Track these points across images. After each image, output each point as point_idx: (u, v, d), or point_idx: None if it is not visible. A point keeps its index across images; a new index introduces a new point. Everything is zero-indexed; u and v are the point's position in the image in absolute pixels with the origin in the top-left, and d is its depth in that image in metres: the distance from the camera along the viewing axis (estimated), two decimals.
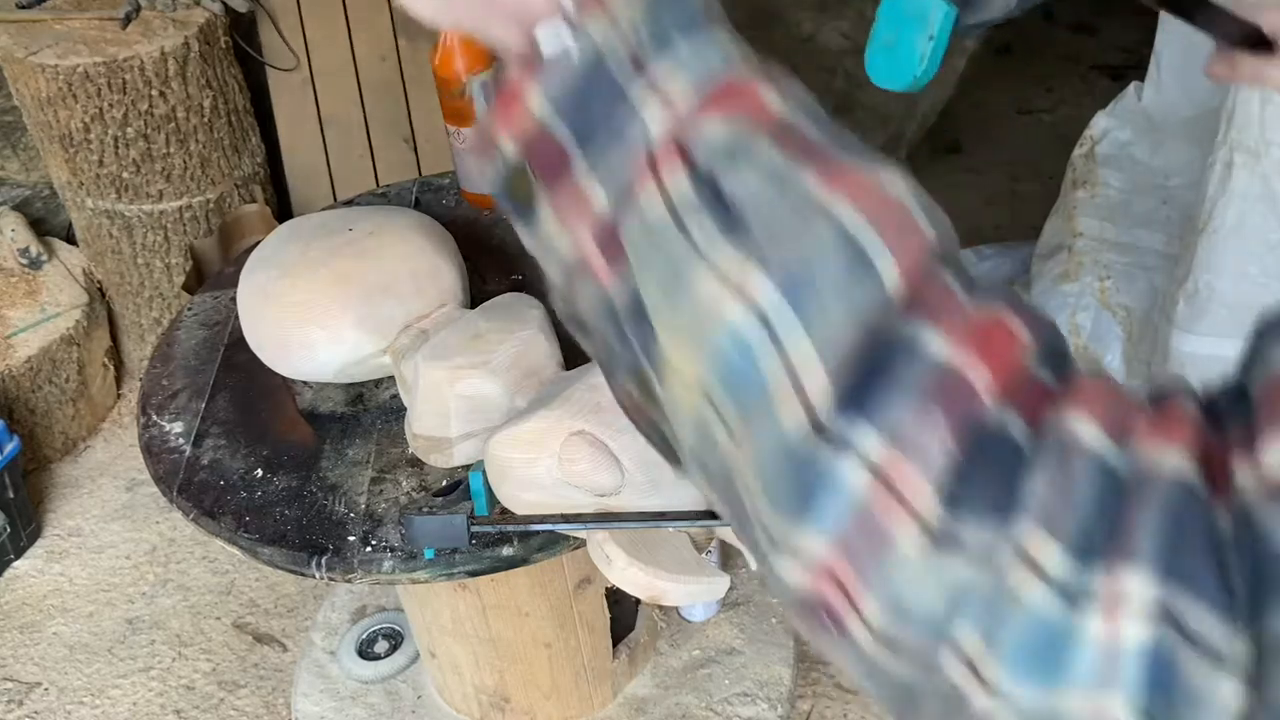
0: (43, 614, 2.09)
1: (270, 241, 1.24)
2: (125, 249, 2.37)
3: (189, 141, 2.28)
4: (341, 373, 1.18)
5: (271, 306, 1.17)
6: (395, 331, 1.16)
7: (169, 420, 1.23)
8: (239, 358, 1.27)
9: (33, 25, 2.24)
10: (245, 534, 1.07)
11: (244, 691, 1.90)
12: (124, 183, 2.27)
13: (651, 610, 1.64)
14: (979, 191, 3.04)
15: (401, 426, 1.17)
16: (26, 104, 2.25)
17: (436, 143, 2.70)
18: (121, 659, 1.98)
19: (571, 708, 1.56)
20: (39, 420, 2.34)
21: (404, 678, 1.68)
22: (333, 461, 1.15)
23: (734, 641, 1.71)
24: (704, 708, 1.62)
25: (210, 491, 1.12)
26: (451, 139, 1.48)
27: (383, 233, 1.20)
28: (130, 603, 2.09)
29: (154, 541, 2.21)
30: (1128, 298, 2.19)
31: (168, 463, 1.17)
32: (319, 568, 1.04)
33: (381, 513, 1.08)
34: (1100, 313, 2.20)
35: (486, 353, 1.06)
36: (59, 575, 2.16)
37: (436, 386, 1.06)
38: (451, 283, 1.21)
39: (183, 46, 2.20)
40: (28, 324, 2.36)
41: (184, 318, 1.41)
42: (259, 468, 1.15)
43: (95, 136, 2.20)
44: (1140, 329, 2.19)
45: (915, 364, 0.36)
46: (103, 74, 2.13)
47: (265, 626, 2.02)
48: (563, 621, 1.43)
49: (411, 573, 1.03)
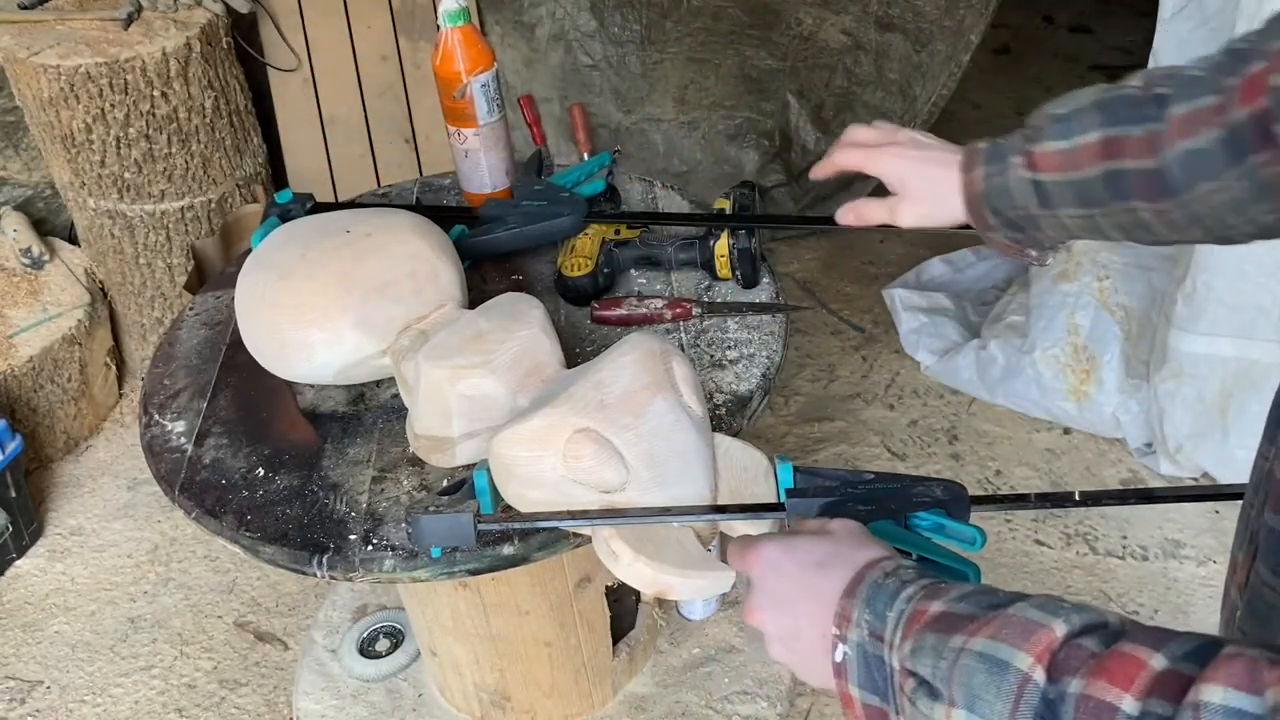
0: (45, 613, 2.09)
1: (268, 243, 1.24)
2: (127, 249, 2.38)
3: (190, 142, 2.29)
4: (341, 374, 1.18)
5: (270, 309, 1.17)
6: (395, 332, 1.16)
7: (171, 419, 1.24)
8: (240, 357, 1.28)
9: (35, 26, 2.25)
10: (247, 533, 1.08)
11: (245, 690, 1.91)
12: (126, 183, 2.28)
13: (651, 609, 1.65)
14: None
15: (402, 426, 1.17)
16: (28, 104, 2.25)
17: (436, 143, 2.71)
18: (123, 657, 1.99)
19: (572, 706, 1.56)
20: (41, 419, 2.35)
21: (405, 676, 1.69)
22: (334, 461, 1.15)
23: (734, 640, 1.71)
24: (704, 706, 1.62)
25: (212, 490, 1.13)
26: (451, 139, 1.48)
27: (380, 234, 1.20)
28: (132, 601, 2.09)
29: (155, 540, 2.22)
30: (1126, 297, 2.20)
31: (169, 462, 1.18)
32: (320, 566, 1.05)
33: (383, 512, 1.08)
34: (1099, 312, 2.20)
35: (488, 352, 1.07)
36: (61, 574, 2.17)
37: (438, 386, 1.07)
38: (450, 283, 1.21)
39: (184, 47, 2.20)
40: (30, 324, 2.37)
41: (186, 317, 1.42)
42: (260, 467, 1.15)
43: (97, 137, 2.20)
44: (1139, 328, 2.19)
45: (1066, 704, 0.52)
46: (104, 74, 2.13)
47: (267, 625, 2.02)
48: (563, 620, 1.44)
49: (412, 571, 1.04)
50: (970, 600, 0.60)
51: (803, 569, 0.70)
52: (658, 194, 1.56)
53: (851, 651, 0.64)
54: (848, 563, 0.68)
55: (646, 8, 2.74)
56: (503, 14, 2.75)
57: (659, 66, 2.77)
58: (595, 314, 1.30)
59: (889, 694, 0.62)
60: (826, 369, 2.53)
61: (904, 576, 0.65)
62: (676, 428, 0.94)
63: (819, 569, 0.69)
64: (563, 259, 1.36)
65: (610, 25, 2.75)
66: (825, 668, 0.66)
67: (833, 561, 0.69)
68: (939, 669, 0.58)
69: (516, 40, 2.77)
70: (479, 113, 1.44)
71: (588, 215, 1.39)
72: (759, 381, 1.20)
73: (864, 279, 2.77)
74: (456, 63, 1.41)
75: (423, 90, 2.68)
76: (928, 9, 2.68)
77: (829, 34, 2.75)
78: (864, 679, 0.64)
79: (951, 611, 0.60)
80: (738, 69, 2.76)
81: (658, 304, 1.29)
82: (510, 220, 1.40)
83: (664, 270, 1.38)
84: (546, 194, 1.43)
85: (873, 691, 0.63)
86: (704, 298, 1.33)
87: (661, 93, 2.77)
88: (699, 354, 1.24)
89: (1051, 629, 0.55)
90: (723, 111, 2.76)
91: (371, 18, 2.66)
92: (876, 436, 2.34)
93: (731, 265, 1.33)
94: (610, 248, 1.37)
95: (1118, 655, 0.52)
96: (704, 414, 1.01)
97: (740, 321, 1.29)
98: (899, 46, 2.72)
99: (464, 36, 1.41)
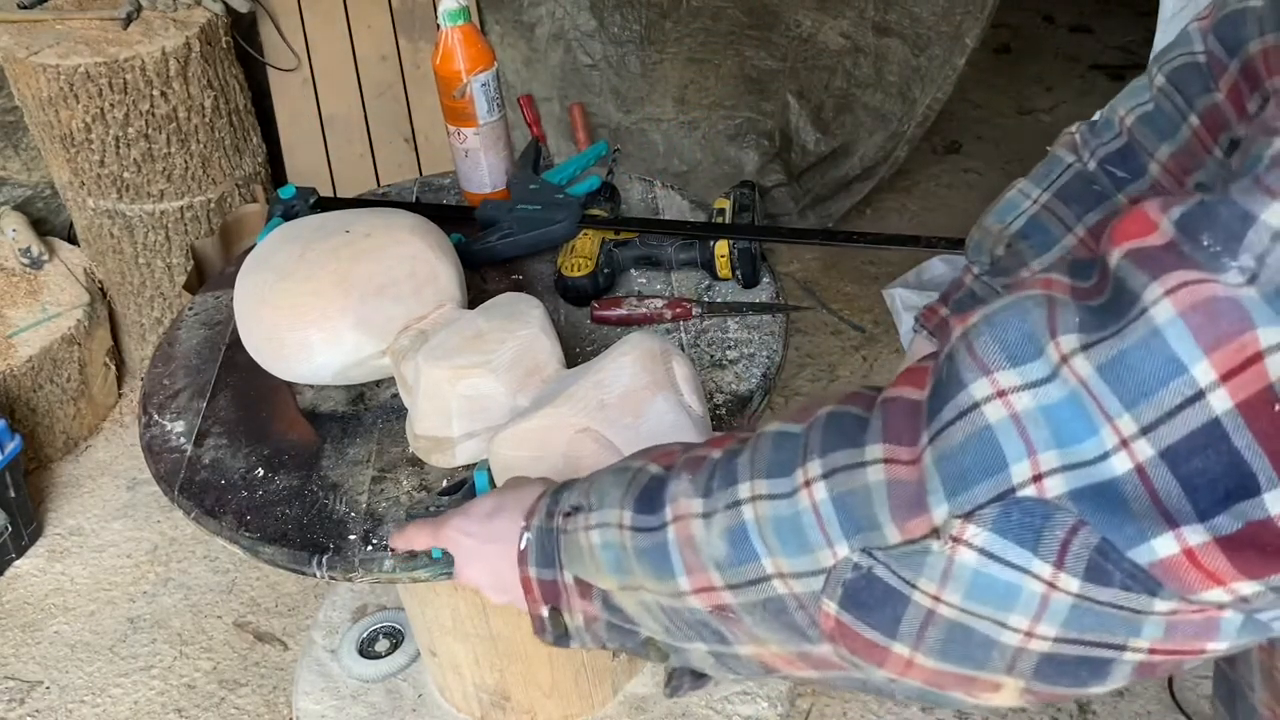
0: (44, 613, 2.09)
1: (267, 244, 1.24)
2: (126, 249, 2.37)
3: (190, 141, 2.29)
4: (340, 375, 1.18)
5: (269, 310, 1.17)
6: (394, 333, 1.16)
7: (170, 419, 1.24)
8: (240, 357, 1.28)
9: (34, 25, 2.24)
10: (246, 533, 1.08)
11: (245, 690, 1.91)
12: (125, 182, 2.27)
13: None
14: (979, 191, 3.05)
15: (402, 425, 1.17)
16: (28, 104, 2.25)
17: (436, 143, 2.70)
18: (123, 658, 1.99)
19: (572, 706, 1.56)
20: (40, 420, 2.35)
21: (405, 676, 1.69)
22: (333, 461, 1.15)
23: None
24: (704, 706, 1.62)
25: (211, 490, 1.13)
26: (451, 139, 1.48)
27: (380, 234, 1.20)
28: (131, 601, 2.09)
29: (155, 540, 2.21)
30: None
31: (169, 462, 1.18)
32: (320, 567, 1.04)
33: (382, 512, 1.08)
34: None
35: (488, 352, 1.07)
36: (60, 574, 2.16)
37: (438, 386, 1.07)
38: (449, 283, 1.21)
39: (184, 46, 2.20)
40: (29, 323, 2.36)
41: (185, 317, 1.42)
42: (260, 467, 1.15)
43: (96, 136, 2.20)
44: None
45: (677, 477, 0.66)
46: (104, 74, 2.13)
47: (266, 625, 2.02)
48: None
49: (412, 572, 1.03)
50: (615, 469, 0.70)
51: (481, 521, 0.77)
52: (658, 194, 1.56)
53: (531, 535, 0.71)
54: (520, 497, 0.75)
55: (646, 8, 2.74)
56: (502, 13, 2.75)
57: (659, 66, 2.76)
58: (595, 314, 1.30)
59: (554, 554, 0.69)
60: (827, 369, 2.53)
61: (570, 486, 0.72)
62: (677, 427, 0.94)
63: (494, 515, 0.76)
64: (562, 259, 1.36)
65: (610, 25, 2.75)
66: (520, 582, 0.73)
67: (504, 505, 0.76)
68: (584, 494, 0.69)
69: (516, 40, 2.77)
70: (479, 112, 1.44)
71: (581, 221, 1.39)
72: (759, 381, 1.20)
73: (864, 279, 2.77)
74: (456, 62, 1.41)
75: (423, 90, 2.68)
76: (924, 14, 2.69)
77: (828, 36, 2.75)
78: (539, 557, 0.70)
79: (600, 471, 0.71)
80: (738, 69, 2.76)
81: (658, 304, 1.29)
82: (505, 225, 1.41)
83: (664, 270, 1.38)
84: (542, 194, 1.43)
85: (545, 565, 0.70)
86: (704, 298, 1.33)
87: (661, 93, 2.77)
88: (699, 354, 1.24)
89: (674, 452, 0.68)
90: (723, 111, 2.76)
91: (371, 17, 2.65)
92: None
93: (732, 265, 1.33)
94: (610, 248, 1.37)
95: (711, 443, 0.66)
96: (705, 414, 1.01)
97: (740, 321, 1.29)
98: (897, 50, 2.72)
99: (464, 36, 1.41)
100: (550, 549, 0.70)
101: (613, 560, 0.65)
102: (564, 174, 1.52)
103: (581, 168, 1.55)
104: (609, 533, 0.66)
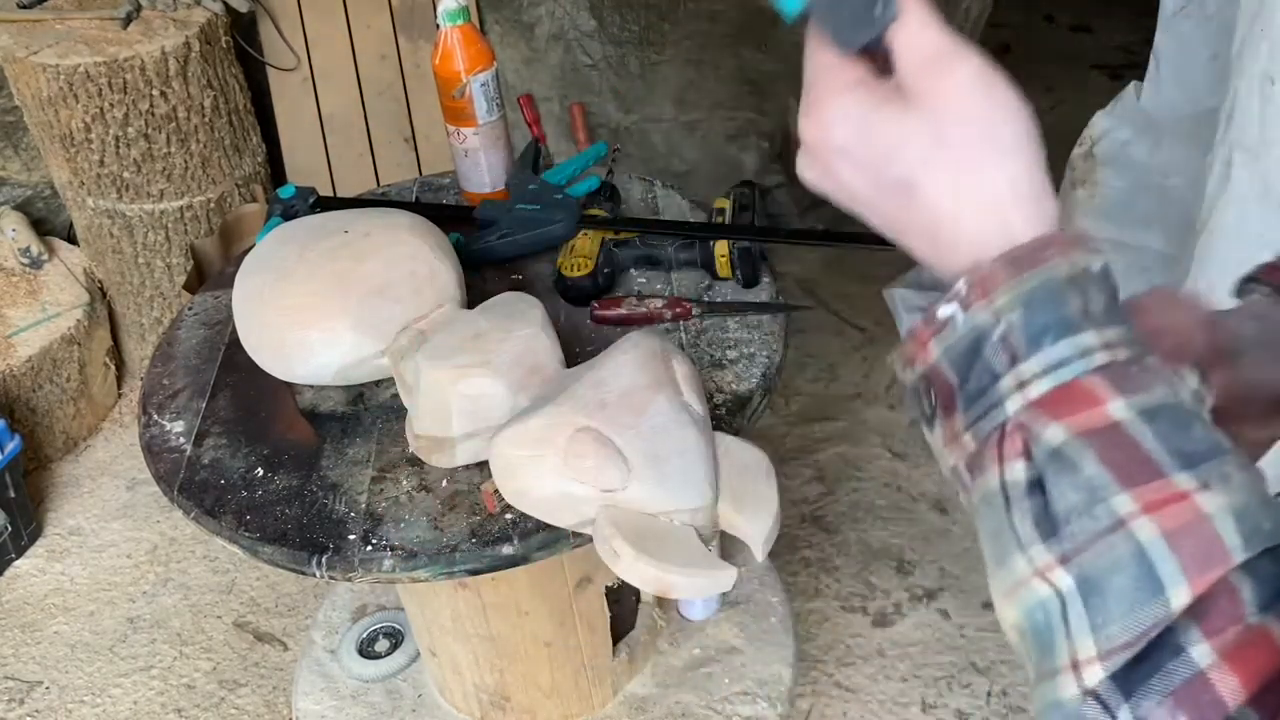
0: (44, 613, 2.09)
1: (266, 244, 1.24)
2: (126, 248, 2.37)
3: (189, 141, 2.29)
4: (340, 375, 1.18)
5: (268, 310, 1.17)
6: (394, 333, 1.16)
7: (170, 419, 1.24)
8: (239, 357, 1.27)
9: (34, 25, 2.24)
10: (246, 533, 1.07)
11: (245, 690, 1.91)
12: (125, 182, 2.27)
13: (651, 609, 1.65)
14: None
15: (402, 426, 1.17)
16: (27, 104, 2.25)
17: (436, 143, 2.70)
18: (122, 658, 1.99)
19: (572, 706, 1.56)
20: (40, 419, 2.35)
21: (404, 676, 1.69)
22: (333, 460, 1.15)
23: (734, 640, 1.71)
24: (704, 706, 1.62)
25: (211, 490, 1.13)
26: (451, 139, 1.48)
27: (379, 234, 1.20)
28: (131, 602, 2.09)
29: (155, 540, 2.21)
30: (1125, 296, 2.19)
31: (168, 462, 1.17)
32: (319, 567, 1.04)
33: (382, 512, 1.08)
34: None
35: (488, 352, 1.07)
36: (60, 574, 2.16)
37: (438, 386, 1.06)
38: (449, 283, 1.21)
39: (183, 46, 2.20)
40: (29, 323, 2.36)
41: (185, 317, 1.41)
42: (260, 467, 1.15)
43: (96, 136, 2.20)
44: None
45: (1177, 667, 0.42)
46: (103, 74, 2.13)
47: (266, 625, 2.02)
48: (563, 620, 1.44)
49: (412, 572, 1.03)
50: (1161, 434, 0.45)
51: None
52: (658, 194, 1.56)
53: (963, 329, 0.49)
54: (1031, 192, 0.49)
55: (645, 9, 2.74)
56: (502, 13, 2.75)
57: (658, 67, 2.76)
58: (595, 314, 1.30)
59: (975, 408, 0.49)
60: (827, 369, 2.53)
61: (1091, 302, 0.48)
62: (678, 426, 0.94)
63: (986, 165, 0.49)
64: (562, 259, 1.36)
65: (610, 25, 2.74)
66: (949, 249, 0.50)
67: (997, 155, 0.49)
68: (1075, 513, 0.45)
69: (516, 40, 2.77)
70: (478, 112, 1.44)
71: (580, 221, 1.39)
72: (759, 381, 1.20)
73: (865, 278, 2.76)
74: (456, 62, 1.41)
75: (422, 90, 2.68)
76: None
77: None
78: (958, 363, 0.49)
79: (1130, 437, 0.45)
80: (737, 70, 2.76)
81: (658, 304, 1.29)
82: (503, 226, 1.41)
83: (664, 270, 1.38)
84: (541, 194, 1.43)
85: (961, 378, 0.49)
86: (704, 297, 1.33)
87: (661, 93, 2.77)
88: (699, 353, 1.24)
89: (1228, 555, 0.43)
90: (723, 112, 2.76)
91: (371, 17, 2.65)
92: (877, 437, 2.33)
93: (732, 265, 1.33)
94: (610, 247, 1.37)
95: (1263, 633, 0.42)
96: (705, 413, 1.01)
97: (740, 321, 1.29)
98: None
99: (463, 36, 1.41)
100: (976, 395, 0.49)
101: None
102: (563, 174, 1.52)
103: (581, 168, 1.55)
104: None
